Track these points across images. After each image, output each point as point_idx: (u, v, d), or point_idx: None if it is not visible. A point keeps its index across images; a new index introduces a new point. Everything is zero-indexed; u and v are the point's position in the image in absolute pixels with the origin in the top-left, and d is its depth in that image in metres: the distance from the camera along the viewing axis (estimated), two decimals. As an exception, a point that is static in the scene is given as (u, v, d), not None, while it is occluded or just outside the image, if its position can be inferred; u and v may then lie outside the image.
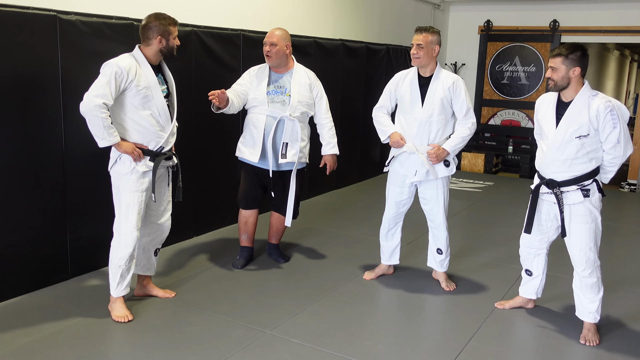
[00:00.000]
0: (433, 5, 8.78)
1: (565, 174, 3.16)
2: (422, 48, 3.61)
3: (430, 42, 3.60)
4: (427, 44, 3.60)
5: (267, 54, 3.93)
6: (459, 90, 3.66)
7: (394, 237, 4.03)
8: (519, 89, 8.99)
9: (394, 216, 3.96)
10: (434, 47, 3.63)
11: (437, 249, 3.94)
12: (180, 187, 3.54)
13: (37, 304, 3.49)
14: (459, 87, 3.66)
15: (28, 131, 3.51)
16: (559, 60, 3.09)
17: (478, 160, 8.67)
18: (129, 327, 3.25)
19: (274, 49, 3.91)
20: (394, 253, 4.07)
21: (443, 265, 3.97)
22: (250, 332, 3.24)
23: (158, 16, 3.25)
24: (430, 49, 3.61)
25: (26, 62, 3.45)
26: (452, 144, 3.70)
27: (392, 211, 3.95)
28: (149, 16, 3.26)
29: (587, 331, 3.28)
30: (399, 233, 4.04)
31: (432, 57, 3.65)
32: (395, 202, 3.92)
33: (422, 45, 3.60)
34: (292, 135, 3.97)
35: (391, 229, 4.01)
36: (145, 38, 3.26)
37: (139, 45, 3.28)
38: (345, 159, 6.36)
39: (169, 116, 3.35)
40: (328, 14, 6.52)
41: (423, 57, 3.63)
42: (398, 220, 3.99)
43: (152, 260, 3.57)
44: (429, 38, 3.60)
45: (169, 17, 3.29)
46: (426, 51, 3.61)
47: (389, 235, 4.04)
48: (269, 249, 4.42)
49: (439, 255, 3.95)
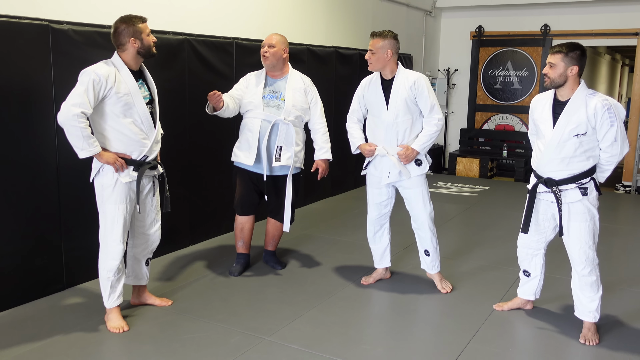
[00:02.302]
0: (425, 12, 8.83)
1: (563, 172, 3.17)
2: (374, 53, 3.63)
3: (380, 47, 3.61)
4: (377, 50, 3.62)
5: (264, 54, 3.94)
6: (421, 88, 3.66)
7: (382, 239, 4.03)
8: (512, 93, 9.03)
9: (378, 218, 3.97)
10: (386, 52, 3.63)
11: (425, 251, 3.93)
12: (168, 197, 3.47)
13: (32, 314, 3.46)
14: (420, 85, 3.66)
15: (21, 140, 3.50)
16: (559, 57, 3.09)
17: (473, 165, 8.69)
18: (125, 336, 3.21)
19: (271, 50, 3.92)
20: (384, 255, 4.07)
21: (434, 267, 3.95)
22: (248, 338, 3.21)
23: (124, 19, 3.16)
24: (381, 54, 3.62)
25: (19, 72, 3.44)
26: (420, 143, 3.71)
27: (375, 213, 3.96)
28: (115, 22, 3.18)
29: (587, 330, 3.26)
30: (387, 235, 4.03)
31: (386, 61, 3.65)
32: (375, 204, 3.93)
33: (373, 50, 3.63)
34: (286, 139, 3.97)
35: (377, 231, 4.01)
36: (119, 44, 3.17)
37: (117, 52, 3.20)
38: (340, 166, 6.35)
39: (151, 123, 3.26)
40: (320, 21, 6.54)
41: (374, 63, 3.65)
42: (383, 222, 3.99)
43: (143, 270, 3.52)
44: (380, 43, 3.61)
45: (136, 16, 3.19)
46: (377, 56, 3.63)
47: (376, 238, 4.03)
48: (266, 255, 4.40)
49: (427, 257, 3.93)
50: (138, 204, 3.25)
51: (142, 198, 3.33)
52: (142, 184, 3.30)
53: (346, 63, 6.83)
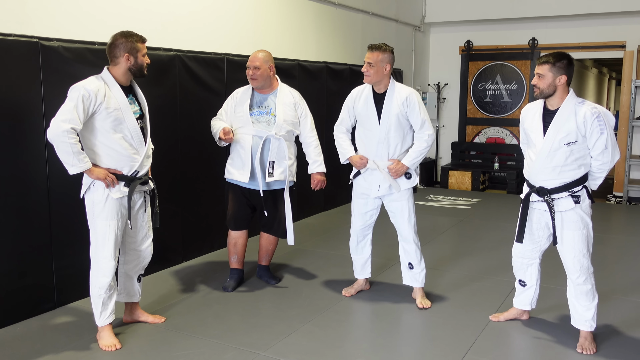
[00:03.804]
0: (414, 27, 8.91)
1: (555, 181, 3.17)
2: (372, 66, 3.63)
3: (380, 61, 3.62)
4: (376, 62, 3.62)
5: (252, 77, 3.94)
6: (412, 104, 3.67)
7: (364, 250, 4.03)
8: (502, 106, 9.09)
9: (362, 228, 3.96)
10: (385, 66, 3.64)
11: (409, 264, 3.90)
12: (158, 213, 3.44)
13: (23, 333, 3.40)
14: (412, 101, 3.67)
15: (11, 157, 3.47)
16: (547, 67, 3.11)
17: (465, 178, 8.70)
18: (117, 354, 3.16)
19: (257, 72, 3.92)
20: (365, 266, 4.07)
21: (418, 280, 3.91)
22: (243, 354, 3.17)
23: (124, 34, 3.16)
24: (380, 67, 3.63)
25: (9, 89, 3.43)
26: (410, 159, 3.72)
27: (359, 223, 3.95)
28: (114, 35, 3.17)
29: (584, 340, 3.24)
30: (369, 246, 4.03)
31: (383, 74, 3.66)
32: (360, 214, 3.93)
33: (372, 63, 3.63)
34: (278, 154, 3.96)
35: (360, 241, 4.01)
36: (112, 57, 3.16)
37: (107, 67, 3.19)
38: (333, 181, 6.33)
39: (142, 139, 3.24)
40: (310, 36, 6.58)
41: (373, 75, 3.65)
42: (366, 232, 3.99)
43: (135, 287, 3.47)
44: (379, 56, 3.62)
45: (137, 34, 3.20)
46: (376, 69, 3.64)
47: (358, 249, 4.03)
48: (259, 270, 4.36)
49: (411, 270, 3.90)
50: (129, 219, 3.22)
51: (134, 214, 3.30)
52: (134, 199, 3.27)
53: (337, 78, 6.86)
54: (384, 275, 4.47)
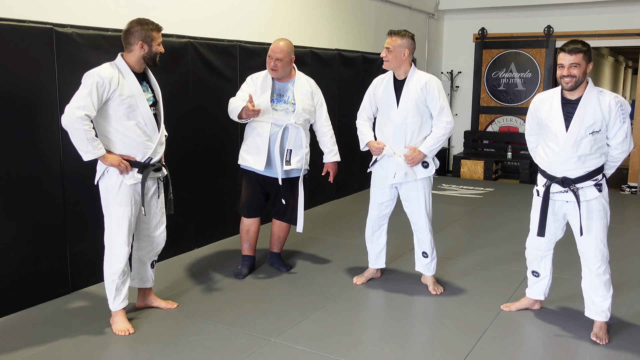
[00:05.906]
0: (427, 15, 8.82)
1: (579, 170, 3.13)
2: (391, 51, 3.62)
3: (398, 46, 3.61)
4: (395, 48, 3.61)
5: (273, 68, 3.90)
6: (432, 90, 3.65)
7: (379, 240, 4.03)
8: (516, 95, 9.01)
9: (377, 218, 3.96)
10: (404, 51, 3.62)
11: (423, 252, 3.90)
12: (172, 200, 3.45)
13: (38, 318, 3.45)
14: (432, 87, 3.65)
15: (26, 144, 3.49)
16: (581, 56, 3.04)
17: (477, 167, 8.66)
18: (131, 339, 3.20)
19: (279, 64, 3.89)
20: (379, 256, 4.07)
21: (430, 269, 3.93)
22: (254, 340, 3.19)
23: (140, 21, 3.15)
24: (399, 52, 3.62)
25: (23, 75, 3.44)
26: (427, 146, 3.69)
27: (375, 213, 3.95)
28: (131, 22, 3.16)
29: (599, 329, 3.23)
30: (384, 236, 4.03)
31: (402, 60, 3.65)
32: (377, 204, 3.92)
33: (391, 48, 3.62)
34: (296, 142, 3.97)
35: (375, 231, 4.01)
36: (127, 44, 3.16)
37: (121, 54, 3.19)
38: (344, 169, 6.34)
39: (155, 126, 3.24)
40: (323, 24, 6.54)
41: (392, 60, 3.64)
42: (382, 222, 3.98)
43: (148, 272, 3.50)
44: (398, 42, 3.61)
45: (153, 22, 3.19)
46: (395, 54, 3.62)
47: (373, 238, 4.03)
48: (271, 258, 4.38)
49: (425, 258, 3.91)
50: (143, 206, 3.24)
51: (147, 200, 3.32)
52: (147, 186, 3.29)
53: (349, 65, 6.82)
54: (395, 263, 4.47)
